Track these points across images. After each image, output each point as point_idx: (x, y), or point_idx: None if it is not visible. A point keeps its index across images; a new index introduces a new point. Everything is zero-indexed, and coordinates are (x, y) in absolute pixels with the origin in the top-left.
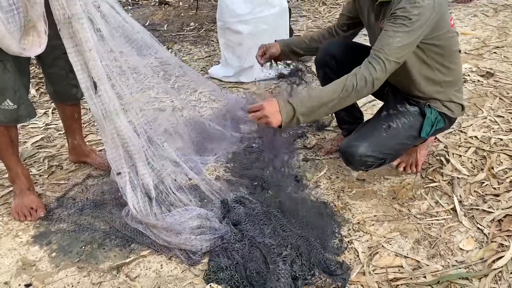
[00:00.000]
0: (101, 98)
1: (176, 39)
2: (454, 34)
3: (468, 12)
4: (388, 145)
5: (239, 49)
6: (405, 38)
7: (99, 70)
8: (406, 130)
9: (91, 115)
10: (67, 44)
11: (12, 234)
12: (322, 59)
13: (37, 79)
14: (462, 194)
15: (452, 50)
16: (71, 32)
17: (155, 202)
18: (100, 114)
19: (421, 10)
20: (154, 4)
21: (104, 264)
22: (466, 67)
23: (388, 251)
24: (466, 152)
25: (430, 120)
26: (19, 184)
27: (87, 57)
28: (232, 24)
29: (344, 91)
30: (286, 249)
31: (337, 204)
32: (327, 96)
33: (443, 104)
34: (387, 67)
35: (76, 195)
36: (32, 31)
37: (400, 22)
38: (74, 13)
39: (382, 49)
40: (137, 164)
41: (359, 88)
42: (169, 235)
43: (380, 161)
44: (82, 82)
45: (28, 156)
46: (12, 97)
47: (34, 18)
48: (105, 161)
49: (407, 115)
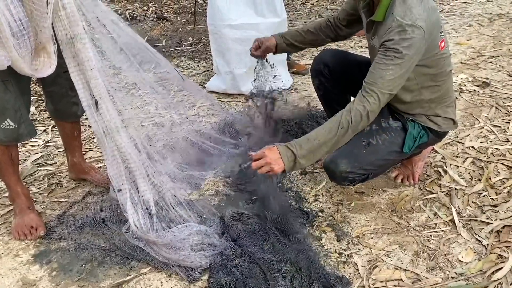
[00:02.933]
0: (102, 116)
1: (175, 54)
2: (445, 55)
3: (463, 22)
4: (368, 161)
5: (228, 54)
6: (397, 70)
7: (101, 89)
8: (387, 146)
9: (91, 132)
10: (69, 63)
11: (13, 253)
12: (316, 68)
13: (36, 96)
14: (460, 205)
15: (440, 70)
16: (73, 51)
17: (155, 218)
18: (101, 131)
19: (411, 42)
20: (152, 19)
21: (105, 282)
22: (462, 77)
23: (388, 264)
24: (464, 163)
25: (413, 135)
26: (19, 203)
27: (89, 76)
28: (222, 28)
29: (340, 129)
30: (286, 264)
31: (336, 217)
32: (323, 136)
33: (429, 118)
34: (380, 99)
35: (76, 213)
36: (43, 53)
37: (391, 54)
38: (77, 33)
39: (375, 83)
40: (137, 180)
41: (354, 123)
42: (169, 251)
43: (363, 176)
44: (84, 100)
45: (28, 174)
46: (12, 116)
47: (44, 40)
48: (104, 178)
49: (389, 131)
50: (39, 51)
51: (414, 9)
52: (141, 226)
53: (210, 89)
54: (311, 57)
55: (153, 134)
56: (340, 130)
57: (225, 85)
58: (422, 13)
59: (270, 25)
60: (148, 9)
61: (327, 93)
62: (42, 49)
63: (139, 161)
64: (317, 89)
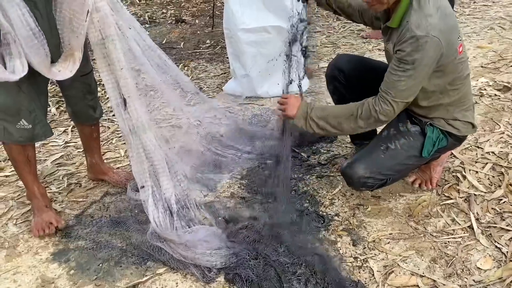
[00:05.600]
0: (130, 114)
1: (193, 57)
2: (462, 59)
3: (484, 25)
4: (387, 166)
5: (243, 58)
6: (410, 81)
7: (130, 88)
8: (405, 151)
9: (109, 133)
10: (100, 63)
11: (32, 251)
12: (331, 74)
13: (57, 97)
14: (479, 212)
15: (458, 74)
16: (104, 52)
17: (176, 216)
18: (127, 129)
19: (424, 53)
20: (170, 22)
21: (121, 282)
22: (482, 81)
23: (404, 270)
24: (483, 168)
25: (431, 139)
26: (36, 202)
27: (118, 75)
28: (236, 31)
29: (349, 114)
30: (301, 267)
31: (352, 221)
32: (335, 113)
33: (448, 122)
34: (394, 107)
35: (94, 213)
36: (70, 58)
37: (403, 66)
38: (108, 35)
39: (389, 92)
40: (160, 178)
41: (363, 117)
42: (186, 249)
43: (381, 181)
44: (113, 99)
45: (48, 173)
46: (27, 117)
47: (75, 47)
48: (122, 179)
49: (407, 135)
50: (68, 56)
51: (430, 18)
52: (160, 223)
53: (227, 91)
54: (329, 60)
55: (170, 136)
56: (349, 115)
57: (241, 88)
58: (438, 22)
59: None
60: (166, 12)
61: (342, 99)
62: (70, 55)
63: (163, 160)
64: (332, 95)
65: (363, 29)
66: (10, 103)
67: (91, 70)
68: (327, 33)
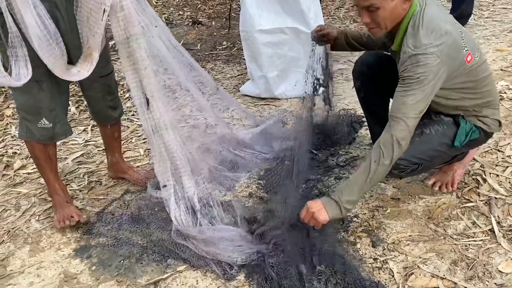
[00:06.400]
0: (153, 114)
1: (209, 58)
2: (475, 65)
3: (503, 28)
4: (421, 150)
5: (260, 59)
6: (418, 94)
7: (153, 87)
8: (439, 137)
9: (129, 132)
10: (124, 63)
11: (55, 247)
12: (358, 70)
13: (76, 97)
14: (500, 215)
15: (475, 78)
16: (128, 51)
17: (199, 214)
18: (150, 129)
19: (426, 68)
20: (187, 24)
21: (142, 278)
22: (502, 85)
23: (424, 272)
24: (504, 172)
25: (465, 130)
26: (57, 199)
27: (142, 75)
28: (253, 33)
29: (373, 163)
30: (321, 267)
31: (372, 223)
32: (360, 176)
33: (478, 119)
34: (408, 124)
35: (115, 210)
36: (89, 58)
37: (408, 82)
38: (133, 34)
39: (399, 110)
40: (183, 177)
41: (386, 153)
42: (208, 245)
43: (414, 165)
44: (137, 99)
45: (69, 171)
46: (48, 116)
47: (93, 46)
48: (142, 177)
49: (441, 123)
50: (87, 56)
51: (424, 39)
52: (182, 222)
53: (244, 92)
54: (345, 62)
55: (188, 136)
56: (373, 164)
57: (258, 89)
58: (434, 41)
59: (297, 31)
60: (183, 13)
61: (368, 96)
62: (89, 55)
63: (185, 158)
64: (358, 91)
65: None
66: (31, 101)
67: (112, 71)
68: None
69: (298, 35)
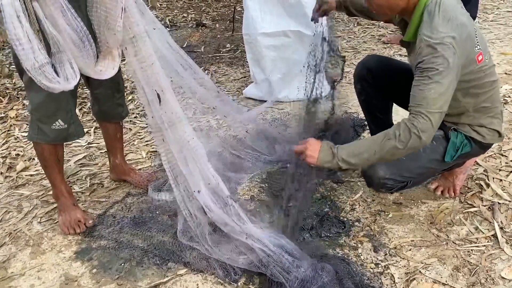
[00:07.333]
0: (166, 109)
1: (213, 61)
2: (485, 67)
3: (508, 31)
4: (408, 168)
5: (263, 62)
6: (439, 87)
7: (162, 82)
8: (428, 154)
9: (132, 135)
10: (131, 61)
11: (56, 249)
12: (359, 73)
13: (80, 99)
14: (503, 220)
15: (481, 82)
16: (135, 50)
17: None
18: (164, 125)
19: (444, 59)
20: (191, 26)
21: (143, 281)
22: (506, 88)
23: (426, 278)
24: (508, 177)
25: (455, 144)
26: (63, 201)
27: (151, 71)
28: (256, 36)
29: (386, 139)
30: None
31: (373, 228)
32: (368, 143)
33: (473, 128)
34: (431, 119)
35: (116, 213)
36: (109, 56)
37: (427, 74)
38: (137, 33)
39: (420, 104)
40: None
41: (403, 138)
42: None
43: (401, 184)
44: (145, 97)
45: (71, 173)
46: (64, 117)
47: (112, 44)
48: (144, 180)
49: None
50: (106, 54)
51: (440, 28)
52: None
53: (248, 95)
54: (348, 65)
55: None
56: (385, 139)
57: (261, 92)
58: (450, 31)
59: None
60: (187, 16)
61: (369, 99)
62: (108, 53)
63: (203, 151)
64: (358, 95)
65: (384, 34)
66: (49, 102)
67: (120, 68)
68: (348, 38)
69: (301, 38)
